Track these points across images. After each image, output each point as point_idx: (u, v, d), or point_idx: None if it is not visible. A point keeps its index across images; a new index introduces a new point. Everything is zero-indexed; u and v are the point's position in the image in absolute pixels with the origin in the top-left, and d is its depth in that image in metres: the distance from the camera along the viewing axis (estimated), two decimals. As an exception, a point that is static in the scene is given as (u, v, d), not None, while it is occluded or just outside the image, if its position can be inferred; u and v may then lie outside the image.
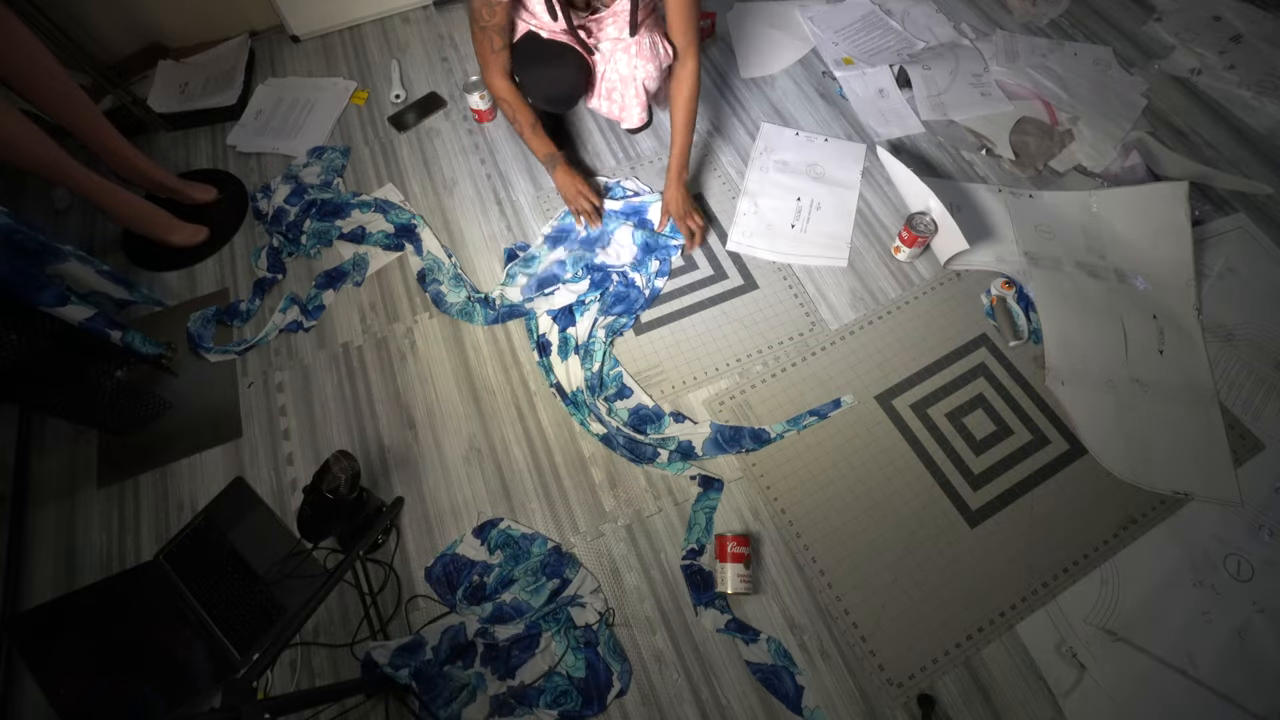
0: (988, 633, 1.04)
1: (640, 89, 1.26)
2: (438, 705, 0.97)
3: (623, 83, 1.23)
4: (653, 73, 1.20)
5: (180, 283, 1.42)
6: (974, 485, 1.16)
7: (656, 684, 1.02)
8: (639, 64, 1.17)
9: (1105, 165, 1.55)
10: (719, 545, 1.06)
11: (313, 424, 1.24)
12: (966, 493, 1.15)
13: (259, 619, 1.04)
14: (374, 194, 1.52)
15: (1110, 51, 1.77)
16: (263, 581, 1.06)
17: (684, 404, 1.25)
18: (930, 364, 1.28)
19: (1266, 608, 1.05)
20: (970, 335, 1.31)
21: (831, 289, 1.38)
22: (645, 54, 1.17)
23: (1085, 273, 1.38)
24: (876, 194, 1.52)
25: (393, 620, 1.06)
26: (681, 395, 1.26)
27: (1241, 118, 1.64)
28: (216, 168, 1.60)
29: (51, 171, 1.18)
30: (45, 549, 1.14)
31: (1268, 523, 1.12)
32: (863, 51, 1.77)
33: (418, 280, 1.40)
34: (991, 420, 1.22)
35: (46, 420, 1.25)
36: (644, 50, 1.16)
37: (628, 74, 1.20)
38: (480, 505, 1.16)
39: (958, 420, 1.22)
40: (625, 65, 1.18)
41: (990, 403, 1.24)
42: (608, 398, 1.24)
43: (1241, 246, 1.43)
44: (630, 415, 1.22)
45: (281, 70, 1.78)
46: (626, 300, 1.33)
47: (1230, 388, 1.26)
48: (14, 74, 1.16)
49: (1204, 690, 1.00)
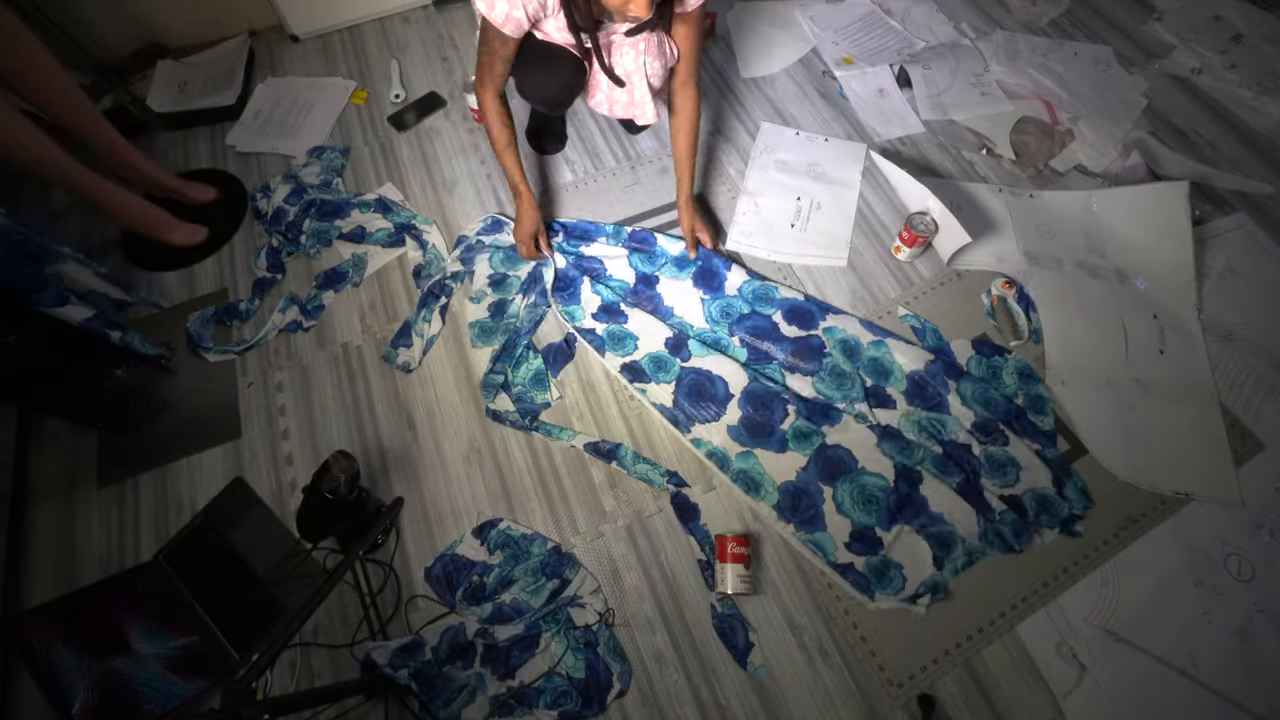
0: (988, 633, 1.04)
1: (649, 84, 1.25)
2: (437, 706, 0.97)
3: (628, 77, 1.23)
4: (659, 70, 1.20)
5: (179, 283, 1.42)
6: (974, 485, 1.16)
7: (656, 684, 1.02)
8: (647, 59, 1.17)
9: (1106, 165, 1.54)
10: (719, 545, 1.06)
11: (312, 424, 1.24)
12: (967, 493, 1.15)
13: (258, 619, 1.03)
14: (374, 193, 1.52)
15: (1111, 51, 1.77)
16: (262, 582, 1.06)
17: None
18: (930, 364, 1.28)
19: (1267, 608, 1.05)
20: (970, 335, 1.31)
21: (831, 288, 1.38)
22: (653, 50, 1.17)
23: (1086, 273, 1.38)
24: (876, 194, 1.52)
25: (392, 620, 1.06)
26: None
27: (1242, 117, 1.64)
28: (216, 168, 1.60)
29: (50, 171, 1.18)
30: (45, 549, 1.14)
31: (1268, 523, 1.12)
32: (863, 51, 1.76)
33: (414, 276, 1.39)
34: (992, 420, 1.22)
35: (46, 420, 1.25)
36: (651, 47, 1.16)
37: (634, 69, 1.19)
38: (480, 505, 1.16)
39: (958, 420, 1.22)
40: (633, 61, 1.18)
41: (990, 403, 1.24)
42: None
43: (1242, 246, 1.43)
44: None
45: (281, 70, 1.78)
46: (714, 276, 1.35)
47: (1230, 388, 1.26)
48: (13, 74, 1.16)
49: (1204, 690, 0.99)
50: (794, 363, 1.26)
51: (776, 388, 1.23)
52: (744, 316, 1.31)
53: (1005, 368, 1.25)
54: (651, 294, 1.36)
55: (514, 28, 1.08)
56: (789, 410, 1.20)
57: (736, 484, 1.14)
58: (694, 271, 1.36)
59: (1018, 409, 1.21)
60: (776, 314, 1.32)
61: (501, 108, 1.21)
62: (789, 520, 1.11)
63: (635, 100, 1.25)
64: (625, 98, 1.27)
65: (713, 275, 1.35)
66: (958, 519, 1.10)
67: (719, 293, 1.34)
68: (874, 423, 1.19)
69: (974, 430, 1.18)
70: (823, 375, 1.24)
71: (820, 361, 1.25)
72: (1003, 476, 1.14)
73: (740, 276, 1.35)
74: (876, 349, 1.26)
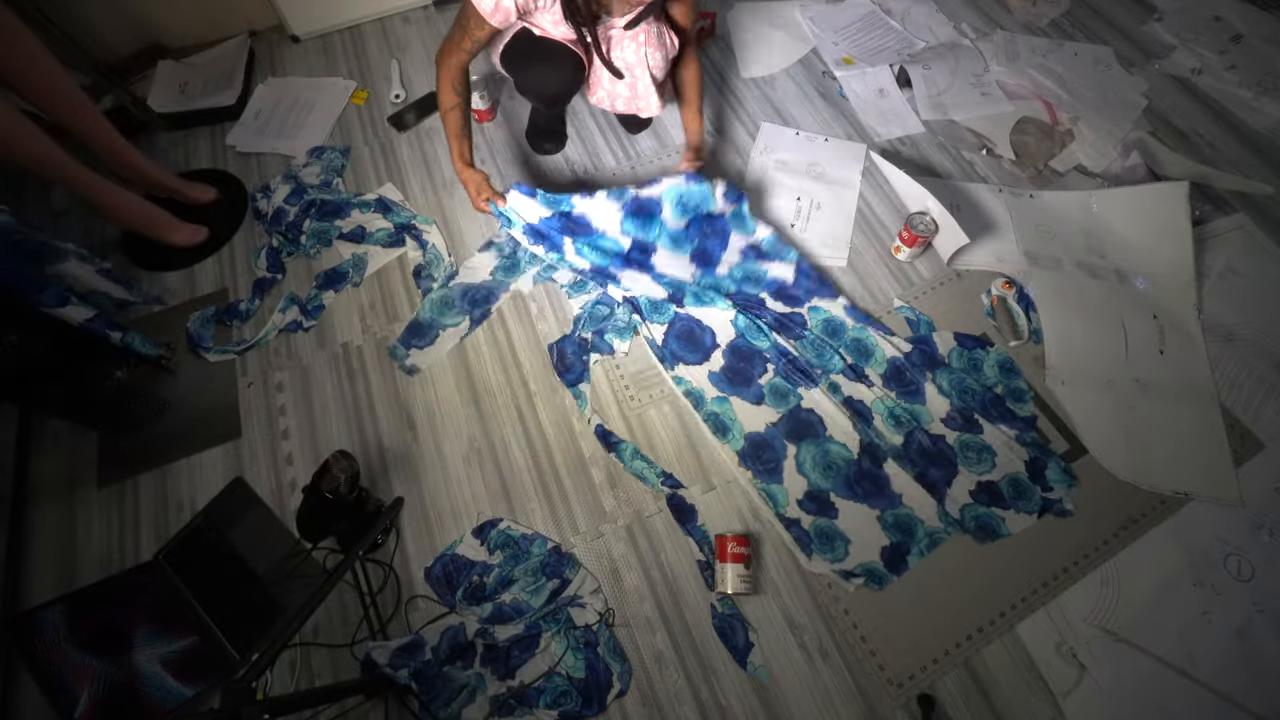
0: (988, 633, 1.04)
1: (651, 76, 1.25)
2: (437, 705, 0.97)
3: (630, 70, 1.22)
4: (660, 61, 1.20)
5: (180, 283, 1.42)
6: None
7: (656, 684, 1.02)
8: (648, 51, 1.17)
9: (1105, 165, 1.54)
10: (719, 545, 1.06)
11: (312, 424, 1.24)
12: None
13: (258, 619, 1.04)
14: (373, 194, 1.52)
15: (1110, 51, 1.77)
16: (262, 581, 1.06)
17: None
18: (930, 364, 1.28)
19: (1266, 608, 1.05)
20: (970, 335, 1.31)
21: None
22: (653, 42, 1.17)
23: (1085, 273, 1.38)
24: (876, 194, 1.52)
25: (392, 620, 1.06)
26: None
27: (1242, 118, 1.64)
28: (216, 168, 1.60)
29: (51, 171, 1.18)
30: (45, 549, 1.14)
31: (1268, 523, 1.12)
32: (863, 51, 1.77)
33: (414, 276, 1.39)
34: (991, 420, 1.22)
35: (46, 420, 1.25)
36: (651, 38, 1.16)
37: (635, 61, 1.19)
38: (480, 505, 1.16)
39: (958, 420, 1.22)
40: (633, 54, 1.18)
41: (990, 403, 1.24)
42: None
43: (1242, 246, 1.43)
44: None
45: (281, 70, 1.78)
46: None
47: (1230, 388, 1.26)
48: (14, 74, 1.16)
49: (1204, 690, 0.99)
50: (780, 321, 1.30)
51: (762, 345, 1.27)
52: (730, 295, 1.33)
53: (986, 360, 1.27)
54: (645, 261, 1.34)
55: (501, 18, 1.06)
56: (768, 367, 1.26)
57: (706, 424, 1.20)
58: (691, 251, 1.34)
59: (995, 396, 1.22)
60: (764, 294, 1.34)
61: (459, 76, 1.17)
62: (748, 467, 1.17)
63: (638, 93, 1.25)
64: (627, 92, 1.27)
65: (708, 256, 1.35)
66: (915, 503, 1.12)
67: (709, 269, 1.35)
68: (846, 396, 1.21)
69: (948, 419, 1.19)
70: (805, 343, 1.27)
71: (803, 331, 1.29)
72: (978, 464, 1.16)
73: (736, 251, 1.34)
74: (859, 332, 1.29)
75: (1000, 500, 1.13)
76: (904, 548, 1.09)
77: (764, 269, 1.34)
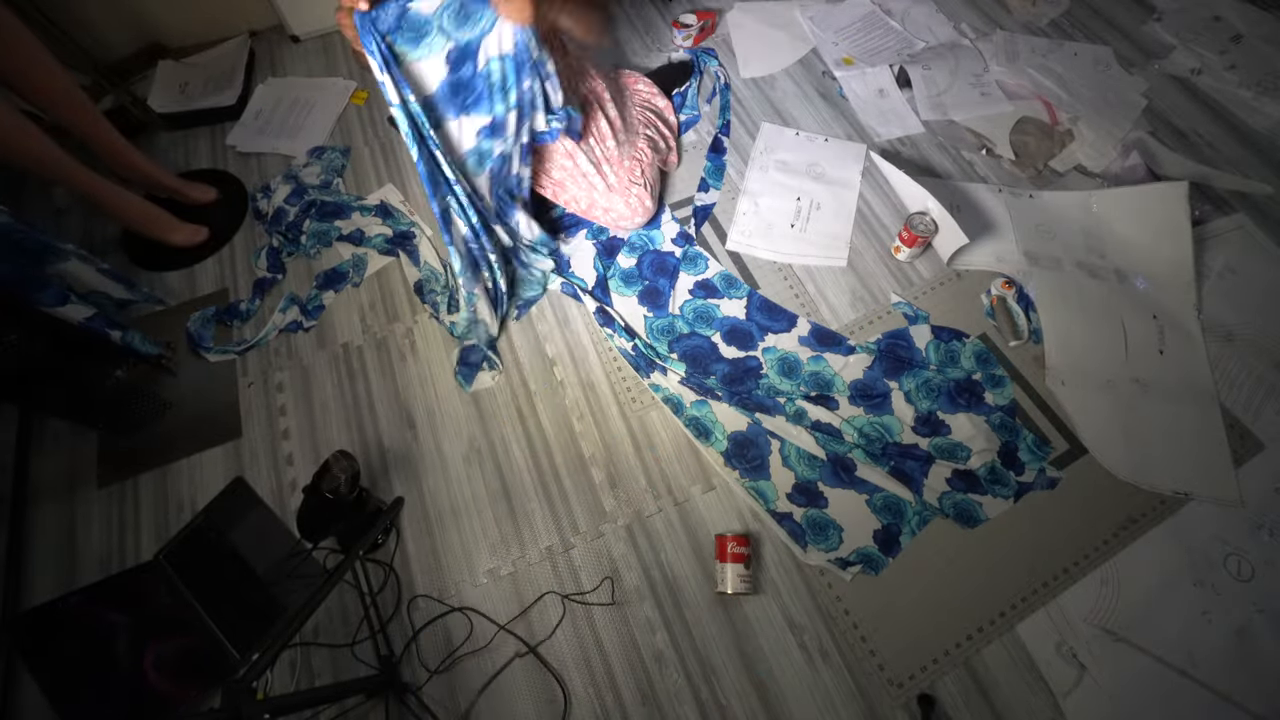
0: (988, 633, 1.04)
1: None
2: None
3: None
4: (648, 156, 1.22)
5: (180, 283, 1.42)
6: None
7: (656, 684, 1.02)
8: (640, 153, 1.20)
9: (1105, 165, 1.54)
10: (719, 545, 1.06)
11: (312, 424, 1.24)
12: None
13: (259, 619, 1.03)
14: (374, 195, 1.52)
15: (1110, 51, 1.77)
16: (263, 581, 1.06)
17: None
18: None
19: (1266, 608, 1.05)
20: (969, 335, 1.31)
21: (831, 289, 1.38)
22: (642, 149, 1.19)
23: (1085, 273, 1.38)
24: (876, 194, 1.52)
25: (392, 620, 1.06)
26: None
27: (1242, 118, 1.64)
28: (216, 168, 1.60)
29: (51, 171, 1.18)
30: (45, 549, 1.14)
31: (1268, 523, 1.12)
32: (863, 51, 1.77)
33: (415, 292, 1.39)
34: (991, 420, 1.22)
35: (46, 420, 1.25)
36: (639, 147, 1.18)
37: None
38: (480, 505, 1.16)
39: (958, 420, 1.22)
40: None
41: (990, 403, 1.24)
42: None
43: (1241, 246, 1.43)
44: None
45: (281, 70, 1.78)
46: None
47: (1230, 388, 1.26)
48: (14, 74, 1.16)
49: (1204, 690, 0.99)
50: (731, 376, 1.26)
51: (711, 384, 1.25)
52: (683, 336, 1.31)
53: (964, 352, 1.27)
54: (604, 297, 1.36)
55: None
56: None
57: (689, 429, 1.21)
58: (640, 290, 1.36)
59: (965, 384, 1.23)
60: (716, 335, 1.31)
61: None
62: (734, 467, 1.17)
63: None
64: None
65: (658, 295, 1.36)
66: (892, 489, 1.13)
67: (662, 311, 1.34)
68: (814, 421, 1.20)
69: (917, 426, 1.20)
70: (763, 388, 1.24)
71: (757, 382, 1.25)
72: (954, 458, 1.16)
73: (687, 282, 1.36)
74: (815, 364, 1.27)
75: (977, 486, 1.14)
76: (895, 529, 1.10)
77: (715, 305, 1.34)
